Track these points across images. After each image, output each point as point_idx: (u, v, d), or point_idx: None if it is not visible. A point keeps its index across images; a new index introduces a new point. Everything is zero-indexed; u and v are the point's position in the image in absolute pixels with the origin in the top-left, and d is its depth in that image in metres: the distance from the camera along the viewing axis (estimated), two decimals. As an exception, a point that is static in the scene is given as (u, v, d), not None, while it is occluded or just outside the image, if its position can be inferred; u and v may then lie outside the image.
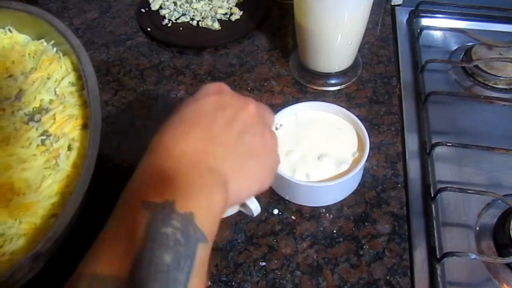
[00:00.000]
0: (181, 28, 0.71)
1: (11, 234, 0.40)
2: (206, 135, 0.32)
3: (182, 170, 0.30)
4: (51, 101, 0.50)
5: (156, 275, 0.26)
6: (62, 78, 0.51)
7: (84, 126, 0.47)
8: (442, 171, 0.52)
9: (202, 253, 0.28)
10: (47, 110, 0.49)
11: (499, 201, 0.47)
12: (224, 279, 0.44)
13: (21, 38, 0.55)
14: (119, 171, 0.46)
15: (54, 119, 0.48)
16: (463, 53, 0.65)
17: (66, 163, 0.44)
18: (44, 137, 0.47)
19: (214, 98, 0.35)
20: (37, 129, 0.47)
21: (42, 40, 0.54)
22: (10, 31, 0.55)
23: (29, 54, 0.53)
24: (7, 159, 0.44)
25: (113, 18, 0.74)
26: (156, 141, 0.33)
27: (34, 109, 0.49)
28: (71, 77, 0.51)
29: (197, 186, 0.30)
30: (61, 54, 0.53)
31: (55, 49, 0.54)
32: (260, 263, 0.45)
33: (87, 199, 0.40)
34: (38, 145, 0.46)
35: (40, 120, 0.48)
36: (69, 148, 0.46)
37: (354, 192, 0.49)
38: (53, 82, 0.51)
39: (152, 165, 0.31)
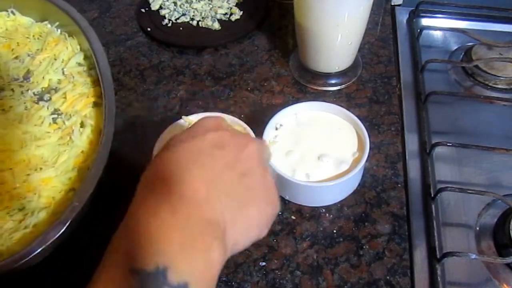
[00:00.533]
0: (181, 28, 0.71)
1: (31, 208, 0.40)
2: (206, 178, 0.29)
3: (177, 225, 0.27)
4: (59, 81, 0.50)
5: None
6: (69, 59, 0.51)
7: (96, 104, 0.47)
8: (442, 171, 0.52)
9: None
10: (56, 90, 0.49)
11: (499, 201, 0.47)
12: (224, 279, 0.44)
13: (25, 20, 0.55)
14: (119, 171, 0.46)
15: (65, 97, 0.48)
16: (463, 53, 0.65)
17: (80, 139, 0.45)
18: (55, 116, 0.47)
19: (212, 135, 0.32)
20: (48, 108, 0.48)
21: (46, 22, 0.54)
22: (13, 13, 0.54)
23: (33, 36, 0.53)
24: (21, 137, 0.44)
25: (113, 18, 0.74)
26: (145, 183, 0.29)
27: (43, 89, 0.50)
28: (78, 58, 0.51)
29: (194, 246, 0.27)
30: (66, 35, 0.53)
31: (59, 30, 0.53)
32: (260, 263, 0.45)
33: (105, 175, 0.40)
34: (50, 123, 0.46)
35: (50, 99, 0.49)
36: (82, 125, 0.46)
37: (354, 192, 0.49)
38: (60, 63, 0.51)
39: (142, 218, 0.27)
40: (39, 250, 0.36)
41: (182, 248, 0.26)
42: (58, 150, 0.44)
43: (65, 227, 0.37)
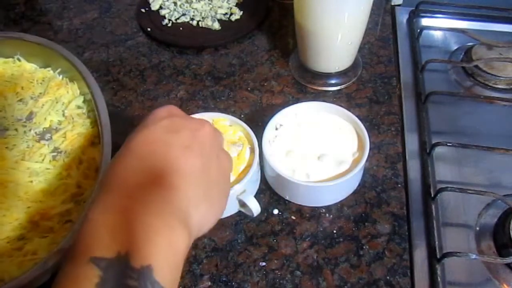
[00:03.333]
0: (181, 28, 0.71)
1: (31, 237, 0.43)
2: (163, 164, 0.29)
3: (138, 212, 0.26)
4: (60, 122, 0.54)
5: None
6: (70, 102, 0.55)
7: (93, 144, 0.51)
8: (442, 171, 0.52)
9: None
10: (57, 130, 0.53)
11: (499, 201, 0.47)
12: (224, 279, 0.44)
13: (29, 66, 0.59)
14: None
15: (65, 137, 0.52)
16: (463, 53, 0.65)
17: (77, 173, 0.48)
18: (55, 154, 0.51)
19: (166, 122, 0.31)
20: (48, 146, 0.51)
21: (49, 68, 0.59)
22: (19, 60, 0.59)
23: (37, 81, 0.57)
24: (24, 173, 0.48)
25: (113, 18, 0.74)
26: (109, 174, 0.29)
27: (45, 129, 0.53)
28: (78, 101, 0.55)
29: (156, 230, 0.26)
30: (67, 80, 0.57)
31: (61, 76, 0.58)
32: (260, 263, 0.45)
33: None
34: (50, 160, 0.50)
35: (51, 138, 0.52)
36: (80, 162, 0.49)
37: (354, 192, 0.49)
38: (61, 105, 0.55)
39: (102, 208, 0.27)
40: (37, 275, 0.37)
41: (144, 233, 0.26)
42: (57, 184, 0.47)
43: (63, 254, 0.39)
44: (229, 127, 0.50)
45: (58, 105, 0.54)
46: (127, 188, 0.28)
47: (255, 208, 0.45)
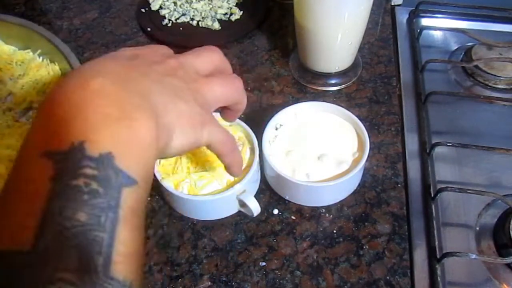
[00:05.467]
0: (181, 28, 0.71)
1: None
2: (127, 69, 0.27)
3: (94, 102, 0.23)
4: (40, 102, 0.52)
5: (68, 240, 0.20)
6: (50, 83, 0.53)
7: None
8: (442, 171, 0.52)
9: (131, 199, 0.23)
10: (37, 109, 0.51)
11: (499, 201, 0.47)
12: (224, 279, 0.44)
13: (7, 48, 0.57)
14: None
15: None
16: (463, 53, 0.65)
17: None
18: None
19: (127, 52, 0.30)
20: (30, 124, 0.49)
21: (29, 50, 0.57)
22: None
23: (16, 62, 0.56)
24: (4, 151, 0.46)
25: (113, 18, 0.74)
26: (59, 82, 0.25)
27: (25, 109, 0.52)
28: None
29: (113, 117, 0.23)
30: (48, 61, 0.56)
31: (41, 57, 0.56)
32: (260, 263, 0.45)
33: None
34: None
35: (31, 117, 0.50)
36: None
37: (354, 192, 0.49)
38: (42, 85, 0.53)
39: (55, 101, 0.24)
40: None
41: (101, 122, 0.23)
42: None
43: None
44: (228, 127, 0.50)
45: (38, 85, 0.53)
46: (84, 81, 0.25)
47: (255, 208, 0.45)
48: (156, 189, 0.48)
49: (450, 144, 0.51)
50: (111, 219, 0.22)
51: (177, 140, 0.28)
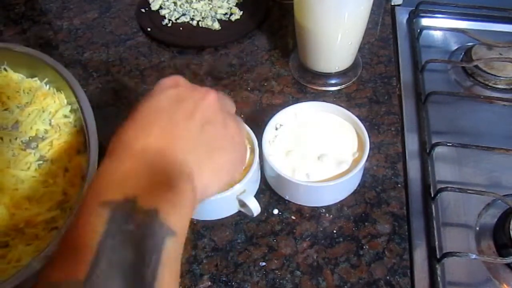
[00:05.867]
0: (181, 28, 0.71)
1: (15, 244, 0.43)
2: (167, 130, 0.31)
3: (144, 168, 0.29)
4: (46, 131, 0.53)
5: (118, 273, 0.24)
6: (56, 111, 0.55)
7: (79, 152, 0.51)
8: (442, 171, 0.52)
9: (172, 248, 0.27)
10: (43, 138, 0.53)
11: (499, 201, 0.47)
12: (224, 279, 0.44)
13: (16, 76, 0.59)
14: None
15: (51, 145, 0.51)
16: (463, 53, 0.65)
17: (63, 181, 0.48)
18: (41, 162, 0.50)
19: (171, 91, 0.33)
20: (34, 154, 0.51)
21: (36, 78, 0.58)
22: (6, 70, 0.58)
23: (23, 90, 0.57)
24: (9, 181, 0.47)
25: (113, 18, 0.74)
26: (114, 141, 0.31)
27: (30, 138, 0.53)
28: (65, 110, 0.55)
29: (160, 181, 0.28)
30: (54, 90, 0.57)
31: (48, 86, 0.57)
32: (260, 263, 0.45)
33: None
34: (36, 169, 0.50)
35: (37, 146, 0.52)
36: (66, 169, 0.49)
37: (354, 192, 0.49)
38: (48, 114, 0.54)
39: (112, 167, 0.29)
40: (21, 281, 0.37)
41: (150, 183, 0.28)
42: (42, 191, 0.47)
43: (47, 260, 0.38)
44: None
45: (44, 114, 0.54)
46: (131, 151, 0.30)
47: (255, 208, 0.45)
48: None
49: (450, 144, 0.51)
50: (155, 260, 0.25)
51: (214, 188, 0.33)
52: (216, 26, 0.70)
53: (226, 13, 0.72)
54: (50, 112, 0.54)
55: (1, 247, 0.43)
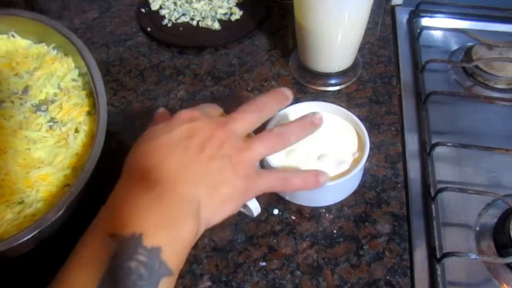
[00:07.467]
0: (181, 28, 0.71)
1: (30, 201, 0.45)
2: (179, 165, 0.34)
3: (154, 201, 0.31)
4: (56, 94, 0.55)
5: None
6: (65, 75, 0.56)
7: (89, 113, 0.52)
8: (442, 171, 0.52)
9: (164, 285, 0.30)
10: (52, 101, 0.54)
11: (499, 201, 0.47)
12: (224, 279, 0.44)
13: (24, 42, 0.59)
14: (118, 171, 0.46)
15: (61, 107, 0.53)
16: (463, 53, 0.65)
17: (75, 142, 0.49)
18: (52, 123, 0.52)
19: (186, 126, 0.36)
20: (45, 116, 0.52)
21: (43, 44, 0.59)
22: (13, 36, 0.59)
23: (32, 56, 0.58)
24: (22, 141, 0.49)
25: (113, 18, 0.74)
26: (129, 168, 0.34)
27: (40, 101, 0.54)
28: (73, 74, 0.56)
29: (168, 218, 0.31)
30: (62, 55, 0.57)
31: (55, 50, 0.58)
32: (260, 263, 0.45)
33: (96, 172, 0.44)
34: (47, 130, 0.51)
35: (47, 109, 0.53)
36: (76, 130, 0.51)
37: (354, 192, 0.49)
38: (57, 78, 0.55)
39: (124, 195, 0.32)
40: (36, 233, 0.39)
41: (158, 220, 0.31)
42: (54, 152, 0.49)
43: (61, 211, 0.41)
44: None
45: (53, 78, 0.55)
46: (145, 182, 0.32)
47: (255, 208, 0.45)
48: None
49: (450, 144, 0.51)
50: None
51: (217, 219, 0.36)
52: (216, 26, 0.70)
53: (226, 13, 0.72)
54: (58, 76, 0.56)
55: (16, 204, 0.45)
